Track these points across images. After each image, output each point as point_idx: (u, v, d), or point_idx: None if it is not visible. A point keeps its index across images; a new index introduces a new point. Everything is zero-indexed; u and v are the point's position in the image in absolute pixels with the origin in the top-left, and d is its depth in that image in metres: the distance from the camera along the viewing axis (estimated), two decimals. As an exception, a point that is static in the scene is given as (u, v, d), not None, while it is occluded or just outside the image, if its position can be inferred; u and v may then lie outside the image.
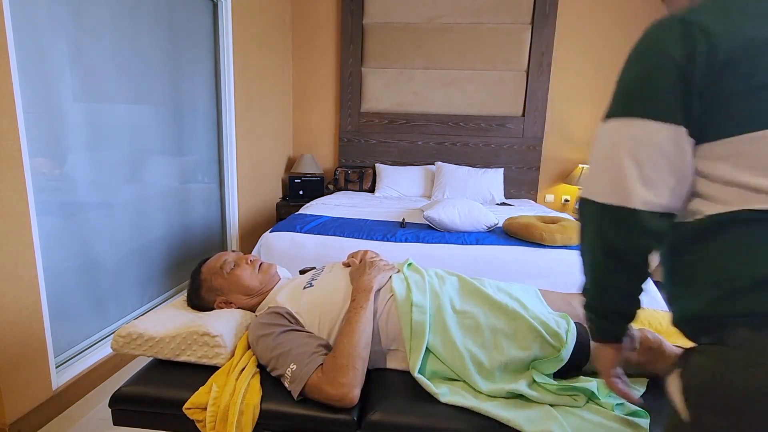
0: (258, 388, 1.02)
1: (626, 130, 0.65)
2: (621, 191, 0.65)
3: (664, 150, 0.63)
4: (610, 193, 0.66)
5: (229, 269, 1.28)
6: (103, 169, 1.94)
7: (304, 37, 3.98)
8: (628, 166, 0.64)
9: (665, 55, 0.62)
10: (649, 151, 0.63)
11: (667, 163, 0.63)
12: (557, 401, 0.99)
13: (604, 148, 0.68)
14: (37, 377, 1.60)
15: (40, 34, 1.58)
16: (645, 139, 0.63)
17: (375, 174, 3.96)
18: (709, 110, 0.61)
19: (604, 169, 0.68)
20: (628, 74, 0.67)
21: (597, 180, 0.69)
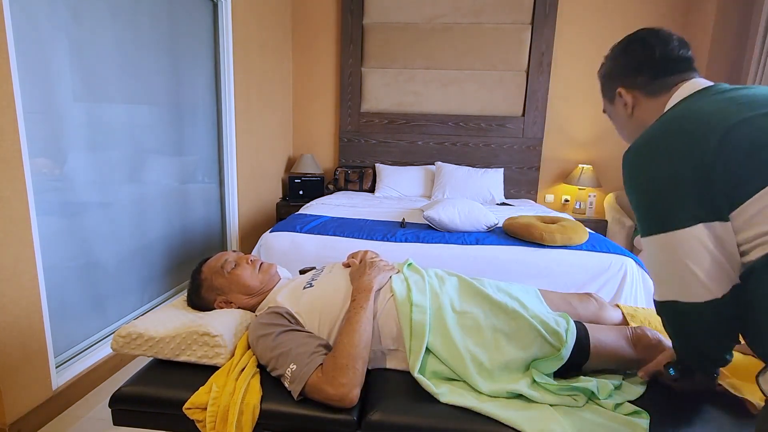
0: (258, 388, 1.02)
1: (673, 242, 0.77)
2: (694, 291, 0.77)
3: (708, 248, 0.74)
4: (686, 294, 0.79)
5: (230, 269, 1.28)
6: (103, 169, 1.94)
7: (304, 37, 3.98)
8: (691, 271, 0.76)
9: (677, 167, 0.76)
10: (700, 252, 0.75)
11: (714, 257, 0.74)
12: (557, 401, 0.99)
13: (665, 263, 0.80)
14: (37, 377, 1.60)
15: (40, 34, 1.58)
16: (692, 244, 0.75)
17: (375, 174, 3.96)
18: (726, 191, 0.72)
19: (671, 278, 0.80)
20: (646, 194, 0.80)
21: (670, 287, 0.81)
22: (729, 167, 0.71)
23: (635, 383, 1.07)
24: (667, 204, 0.75)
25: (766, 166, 0.69)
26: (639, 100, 0.95)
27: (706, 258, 0.73)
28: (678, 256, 0.76)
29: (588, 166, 3.72)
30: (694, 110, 0.79)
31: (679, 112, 0.81)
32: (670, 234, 0.76)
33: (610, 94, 1.01)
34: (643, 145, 0.80)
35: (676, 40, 0.92)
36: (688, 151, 0.74)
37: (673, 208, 0.75)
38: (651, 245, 0.80)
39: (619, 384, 1.05)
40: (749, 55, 3.11)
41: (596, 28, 3.67)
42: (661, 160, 0.77)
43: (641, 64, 0.93)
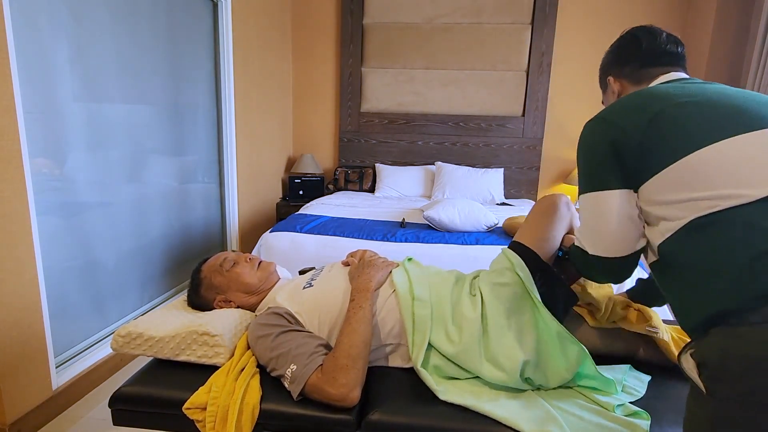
0: (257, 388, 1.02)
1: (595, 200, 0.88)
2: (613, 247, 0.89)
3: (624, 208, 0.84)
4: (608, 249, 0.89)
5: (229, 267, 1.29)
6: (103, 169, 1.94)
7: (304, 37, 3.98)
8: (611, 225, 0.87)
9: (598, 141, 0.87)
10: (614, 211, 0.85)
11: (629, 216, 0.85)
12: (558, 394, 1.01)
13: (591, 216, 0.91)
14: (37, 377, 1.60)
15: (40, 34, 1.58)
16: (608, 203, 0.86)
17: (375, 174, 3.96)
18: (641, 165, 0.81)
19: (593, 230, 0.91)
20: (580, 160, 0.92)
21: (591, 238, 0.92)
22: (645, 144, 0.79)
23: (636, 383, 1.07)
24: (594, 169, 0.87)
25: (673, 147, 0.76)
26: (625, 87, 1.04)
27: (613, 219, 0.85)
28: (595, 213, 0.88)
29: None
30: (648, 91, 0.86)
31: (637, 92, 0.88)
32: (592, 194, 0.88)
33: (603, 83, 1.11)
34: (595, 118, 0.90)
35: (665, 36, 0.99)
36: (621, 125, 0.83)
37: (597, 173, 0.87)
38: (581, 202, 0.93)
39: (621, 384, 1.06)
40: (749, 55, 3.11)
41: (596, 29, 3.67)
42: (599, 130, 0.87)
43: (629, 55, 1.02)
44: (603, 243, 0.88)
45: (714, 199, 0.70)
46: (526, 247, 1.16)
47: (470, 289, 1.20)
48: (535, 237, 1.17)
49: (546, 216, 1.19)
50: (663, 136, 0.78)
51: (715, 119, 0.76)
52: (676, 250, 0.74)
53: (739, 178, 0.69)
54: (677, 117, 0.78)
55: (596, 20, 3.66)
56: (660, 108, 0.81)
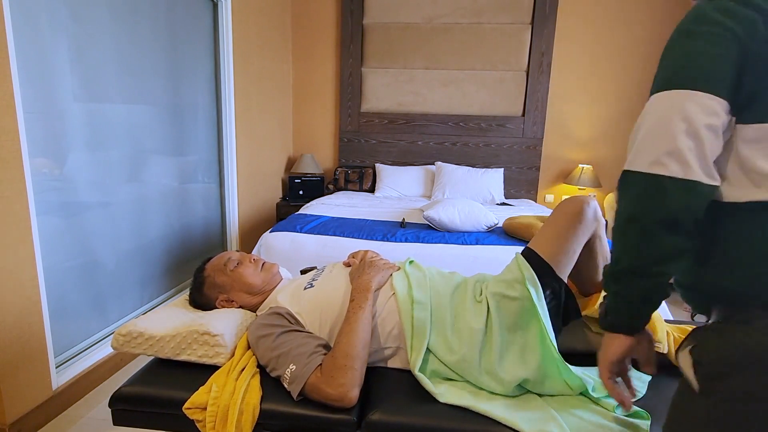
0: (258, 388, 1.02)
1: (683, 103, 0.64)
2: (683, 163, 0.64)
3: (715, 127, 0.63)
4: (671, 165, 0.65)
5: (232, 267, 1.29)
6: (103, 169, 1.94)
7: (304, 37, 3.98)
8: (686, 139, 0.63)
9: (725, 27, 0.62)
10: (706, 125, 0.63)
11: (716, 137, 0.64)
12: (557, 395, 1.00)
13: (659, 121, 0.66)
14: (37, 377, 1.60)
15: (40, 34, 1.58)
16: (702, 112, 0.63)
17: (375, 174, 3.96)
18: (756, 89, 0.61)
19: (658, 141, 0.66)
20: (683, 48, 0.66)
21: (649, 152, 0.66)
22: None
23: (637, 383, 1.07)
24: (694, 59, 0.65)
25: None
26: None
27: (710, 137, 0.63)
28: (665, 120, 0.65)
29: (588, 166, 3.72)
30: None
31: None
32: (676, 93, 0.65)
33: None
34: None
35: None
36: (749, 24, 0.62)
37: (696, 64, 0.64)
38: (651, 104, 0.69)
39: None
40: (749, 55, 3.10)
41: (596, 29, 3.67)
42: (728, 12, 0.64)
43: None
44: (664, 146, 0.64)
45: None
46: (542, 259, 1.10)
47: (475, 294, 1.18)
48: (553, 250, 1.10)
49: (569, 223, 1.10)
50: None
51: None
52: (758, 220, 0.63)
53: None
54: None
55: (596, 20, 3.66)
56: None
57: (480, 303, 1.14)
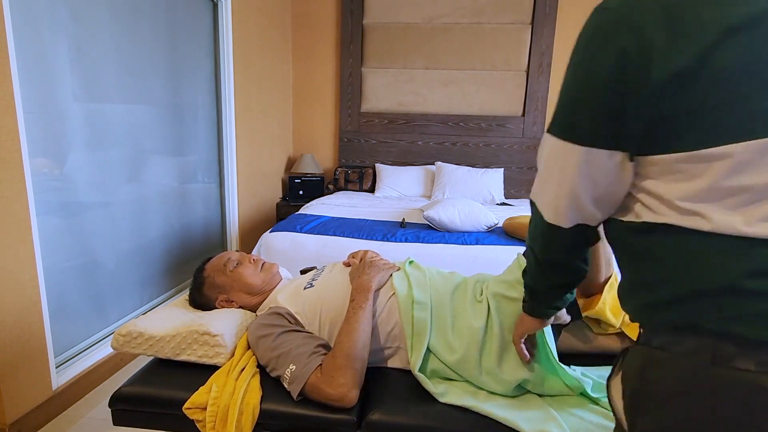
0: (258, 388, 1.02)
1: (569, 156, 0.61)
2: (559, 215, 0.69)
3: (607, 175, 0.59)
4: (553, 215, 0.70)
5: (232, 267, 1.29)
6: (103, 169, 1.94)
7: (304, 37, 3.98)
8: (572, 190, 0.64)
9: (599, 54, 0.55)
10: (593, 177, 0.61)
11: (607, 183, 0.60)
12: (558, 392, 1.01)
13: (550, 168, 0.67)
14: (37, 377, 1.60)
15: (40, 34, 1.58)
16: (588, 165, 0.60)
17: (375, 174, 3.96)
18: (649, 128, 0.54)
19: (548, 187, 0.69)
20: (567, 82, 0.61)
21: (544, 196, 0.71)
22: (695, 89, 0.49)
23: None
24: (581, 101, 0.59)
25: (748, 112, 0.47)
26: None
27: (601, 184, 0.61)
28: (557, 171, 0.65)
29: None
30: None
31: None
32: (562, 144, 0.63)
33: None
34: (599, 6, 0.62)
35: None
36: (647, 32, 0.51)
37: (581, 111, 0.59)
38: (545, 144, 0.68)
39: None
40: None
41: (596, 28, 3.67)
42: (603, 32, 0.56)
43: None
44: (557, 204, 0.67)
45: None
46: None
47: (476, 294, 1.18)
48: None
49: None
50: (726, 92, 0.47)
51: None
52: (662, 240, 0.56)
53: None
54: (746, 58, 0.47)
55: (596, 20, 3.65)
56: (739, 20, 0.47)
57: (480, 303, 1.14)
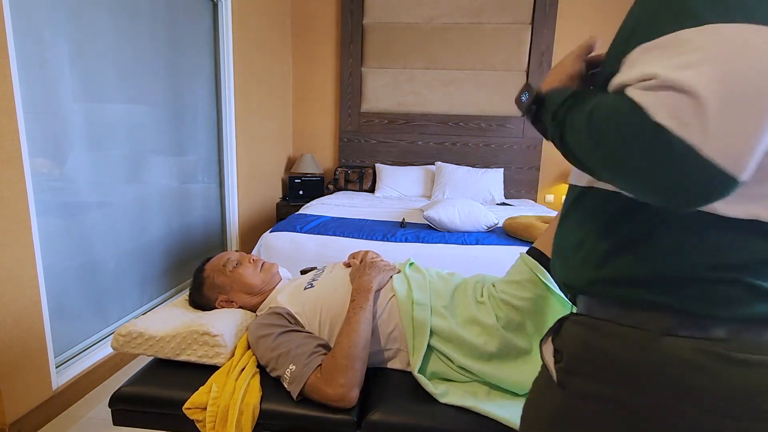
0: (258, 388, 1.02)
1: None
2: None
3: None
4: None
5: (232, 267, 1.29)
6: (103, 169, 1.94)
7: (304, 37, 3.98)
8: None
9: None
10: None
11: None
12: None
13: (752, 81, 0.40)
14: (37, 377, 1.60)
15: (40, 34, 1.58)
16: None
17: (375, 174, 3.96)
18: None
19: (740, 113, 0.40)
20: None
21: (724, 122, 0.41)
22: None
23: None
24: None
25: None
26: None
27: None
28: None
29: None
30: None
31: None
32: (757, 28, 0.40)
33: None
34: None
35: None
36: None
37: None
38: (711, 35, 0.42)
39: None
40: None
41: (596, 29, 3.67)
42: None
43: None
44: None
45: None
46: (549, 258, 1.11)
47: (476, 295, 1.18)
48: None
49: None
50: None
51: None
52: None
53: None
54: None
55: (596, 20, 3.66)
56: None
57: (482, 303, 1.14)
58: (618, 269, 0.54)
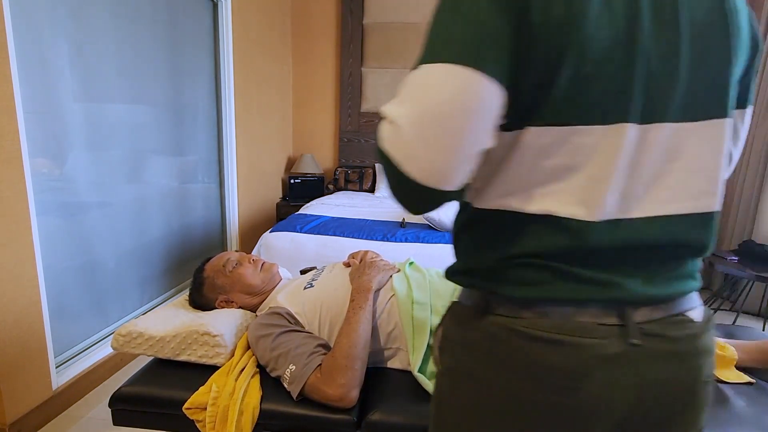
0: (258, 388, 1.02)
1: (468, 87, 0.48)
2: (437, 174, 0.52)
3: (492, 115, 0.50)
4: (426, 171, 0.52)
5: (232, 267, 1.29)
6: (103, 169, 1.94)
7: (304, 37, 3.98)
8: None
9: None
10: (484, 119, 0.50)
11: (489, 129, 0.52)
12: None
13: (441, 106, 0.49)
14: (37, 377, 1.60)
15: (40, 34, 1.58)
16: (482, 103, 0.49)
17: (375, 174, 3.96)
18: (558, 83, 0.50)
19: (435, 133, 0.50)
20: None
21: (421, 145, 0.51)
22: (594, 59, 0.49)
23: None
24: (468, 27, 0.50)
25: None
26: None
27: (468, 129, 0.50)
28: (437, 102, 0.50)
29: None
30: None
31: None
32: (447, 67, 0.49)
33: None
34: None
35: None
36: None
37: (470, 35, 0.49)
38: (415, 75, 0.52)
39: None
40: (749, 55, 3.10)
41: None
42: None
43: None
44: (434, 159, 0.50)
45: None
46: None
47: None
48: None
49: None
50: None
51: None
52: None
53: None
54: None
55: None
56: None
57: None
58: (457, 260, 0.64)
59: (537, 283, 0.55)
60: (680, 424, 0.57)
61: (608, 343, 0.53)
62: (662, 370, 0.54)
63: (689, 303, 0.57)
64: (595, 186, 0.52)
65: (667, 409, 0.55)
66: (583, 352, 0.53)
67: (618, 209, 0.54)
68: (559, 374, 0.53)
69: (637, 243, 0.54)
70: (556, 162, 0.53)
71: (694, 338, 0.56)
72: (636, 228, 0.54)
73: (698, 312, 0.58)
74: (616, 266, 0.55)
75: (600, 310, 0.54)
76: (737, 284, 2.91)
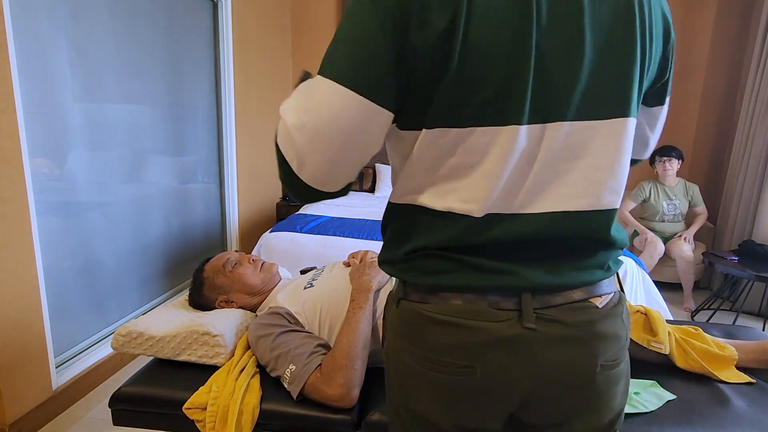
0: (258, 388, 1.02)
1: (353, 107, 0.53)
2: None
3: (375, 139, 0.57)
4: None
5: (232, 267, 1.29)
6: (103, 169, 1.94)
7: (304, 36, 3.98)
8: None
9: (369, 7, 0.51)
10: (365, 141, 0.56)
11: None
12: None
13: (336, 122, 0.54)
14: (37, 377, 1.60)
15: (40, 34, 1.58)
16: (368, 125, 0.54)
17: (375, 174, 3.96)
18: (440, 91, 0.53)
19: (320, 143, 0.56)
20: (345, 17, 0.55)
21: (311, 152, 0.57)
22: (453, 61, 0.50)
23: (651, 398, 1.05)
24: (356, 46, 0.54)
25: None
26: None
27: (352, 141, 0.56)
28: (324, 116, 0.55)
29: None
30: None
31: None
32: (333, 86, 0.55)
33: None
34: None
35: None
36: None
37: (359, 57, 0.53)
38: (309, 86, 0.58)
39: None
40: (749, 55, 3.11)
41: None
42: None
43: None
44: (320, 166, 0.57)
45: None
46: None
47: None
48: None
49: None
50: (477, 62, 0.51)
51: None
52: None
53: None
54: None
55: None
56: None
57: None
58: (382, 250, 0.68)
59: (442, 272, 0.59)
60: (579, 406, 0.60)
61: (504, 326, 0.56)
62: (557, 353, 0.57)
63: (595, 291, 0.60)
64: (487, 183, 0.55)
65: (564, 391, 0.59)
66: (480, 334, 0.57)
67: (514, 204, 0.57)
68: (457, 355, 0.58)
69: (536, 236, 0.57)
70: (456, 161, 0.56)
71: (592, 324, 0.58)
72: (535, 222, 0.57)
73: (604, 299, 0.61)
74: (516, 257, 0.58)
75: (499, 296, 0.57)
76: (737, 284, 2.92)
